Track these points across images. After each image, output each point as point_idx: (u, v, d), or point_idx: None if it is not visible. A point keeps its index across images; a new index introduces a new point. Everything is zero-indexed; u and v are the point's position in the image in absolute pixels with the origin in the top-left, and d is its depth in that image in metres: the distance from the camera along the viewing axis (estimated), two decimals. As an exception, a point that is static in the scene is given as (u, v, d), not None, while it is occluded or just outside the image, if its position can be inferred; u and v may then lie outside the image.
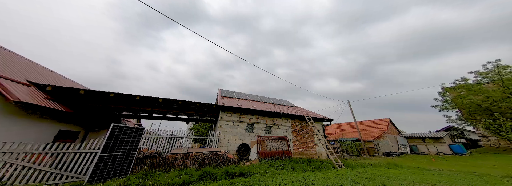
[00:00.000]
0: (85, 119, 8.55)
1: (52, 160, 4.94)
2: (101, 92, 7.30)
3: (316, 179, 4.82)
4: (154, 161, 5.87)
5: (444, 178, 5.51)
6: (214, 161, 6.70)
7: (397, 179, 5.11)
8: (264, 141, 9.71)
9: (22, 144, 4.64)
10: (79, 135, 8.53)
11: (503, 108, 14.03)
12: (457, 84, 17.52)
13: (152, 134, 8.19)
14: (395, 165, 8.16)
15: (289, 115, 11.33)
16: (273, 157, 9.01)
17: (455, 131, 26.91)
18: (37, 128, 6.36)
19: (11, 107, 5.45)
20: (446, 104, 18.51)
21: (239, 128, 9.56)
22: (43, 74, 9.11)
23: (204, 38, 6.63)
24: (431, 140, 19.16)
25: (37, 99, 5.99)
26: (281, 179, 4.81)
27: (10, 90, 5.27)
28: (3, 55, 7.81)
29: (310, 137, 11.52)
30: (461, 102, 16.17)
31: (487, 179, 5.56)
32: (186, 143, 8.76)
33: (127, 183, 4.43)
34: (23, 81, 6.61)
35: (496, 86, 15.00)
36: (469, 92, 15.92)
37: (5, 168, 4.28)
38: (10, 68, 7.07)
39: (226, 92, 13.80)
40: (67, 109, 6.92)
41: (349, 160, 11.08)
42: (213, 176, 5.09)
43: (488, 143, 18.49)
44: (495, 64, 15.23)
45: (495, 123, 13.75)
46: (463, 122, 18.25)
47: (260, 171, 5.87)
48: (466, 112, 17.16)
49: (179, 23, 5.72)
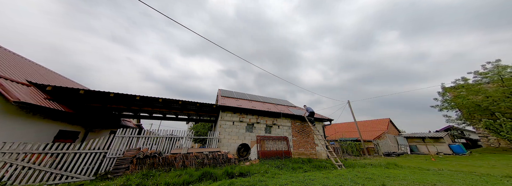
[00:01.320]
0: (85, 119, 8.55)
1: (52, 160, 4.94)
2: (101, 92, 7.30)
3: (316, 179, 4.82)
4: (154, 161, 5.86)
5: (444, 178, 5.51)
6: (214, 161, 6.70)
7: (397, 179, 5.11)
8: (264, 141, 9.70)
9: (22, 144, 4.64)
10: (79, 135, 8.53)
11: (503, 108, 14.04)
12: (457, 84, 17.53)
13: (152, 134, 8.19)
14: (395, 165, 8.15)
15: (289, 115, 11.33)
16: (273, 157, 9.01)
17: (455, 131, 26.92)
18: (37, 128, 6.36)
19: (11, 107, 5.45)
20: (446, 104, 18.52)
21: (239, 128, 9.56)
22: (43, 74, 9.12)
23: (204, 38, 6.63)
24: (431, 140, 19.16)
25: (37, 99, 5.99)
26: (281, 179, 4.81)
27: (10, 90, 5.27)
28: (3, 55, 7.82)
29: (310, 137, 11.52)
30: (461, 102, 16.17)
31: (487, 179, 5.56)
32: (186, 143, 8.76)
33: (127, 183, 4.42)
34: (23, 81, 6.62)
35: (496, 86, 15.00)
36: (469, 92, 15.92)
37: (5, 168, 4.29)
38: (10, 68, 7.07)
39: (226, 92, 13.80)
40: (67, 109, 6.92)
41: (349, 160, 11.08)
42: (213, 176, 5.09)
43: (488, 143, 18.48)
44: (495, 64, 15.24)
45: (495, 123, 13.76)
46: (463, 122, 18.25)
47: (260, 171, 5.87)
48: (466, 112, 17.16)
49: (179, 23, 5.73)
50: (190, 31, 5.49)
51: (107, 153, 6.16)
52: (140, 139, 7.34)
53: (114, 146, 6.41)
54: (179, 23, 5.68)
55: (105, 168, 6.04)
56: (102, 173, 5.85)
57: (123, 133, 6.92)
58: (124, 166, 5.54)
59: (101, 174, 5.78)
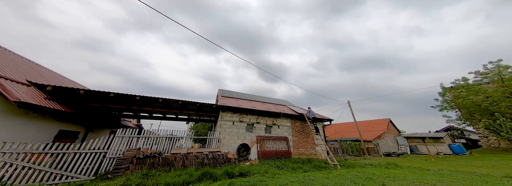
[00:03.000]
0: (85, 119, 8.56)
1: (52, 160, 4.95)
2: (101, 92, 7.31)
3: (316, 179, 4.82)
4: (154, 161, 5.86)
5: (444, 178, 5.50)
6: (214, 161, 6.70)
7: (397, 179, 5.11)
8: (264, 141, 9.70)
9: (22, 144, 4.64)
10: (79, 135, 8.54)
11: (503, 108, 14.03)
12: (457, 84, 17.53)
13: (152, 134, 8.19)
14: (395, 165, 8.14)
15: (289, 115, 11.33)
16: (273, 157, 9.01)
17: (455, 131, 26.92)
18: (37, 128, 6.36)
19: (11, 107, 5.45)
20: (446, 104, 18.51)
21: (239, 128, 9.56)
22: (43, 74, 9.12)
23: (208, 40, 6.63)
24: (431, 140, 19.15)
25: (37, 99, 5.99)
26: (281, 179, 4.81)
27: (10, 90, 5.27)
28: (3, 55, 7.82)
29: (310, 137, 11.52)
30: (461, 102, 16.17)
31: (487, 179, 5.56)
32: (186, 143, 8.76)
33: (127, 183, 4.42)
34: (23, 81, 6.62)
35: (496, 86, 14.99)
36: (469, 92, 15.91)
37: (5, 168, 4.29)
38: (10, 68, 7.08)
39: (226, 92, 13.80)
40: (67, 109, 6.92)
41: (349, 160, 11.07)
42: (213, 176, 5.08)
43: (488, 143, 18.47)
44: (496, 64, 15.23)
45: (495, 123, 13.75)
46: (463, 122, 18.24)
47: (260, 171, 5.87)
48: (466, 112, 17.15)
49: (178, 23, 5.73)
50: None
51: (107, 153, 6.17)
52: (140, 139, 7.34)
53: (114, 146, 6.42)
54: (174, 20, 5.68)
55: (105, 168, 6.05)
56: (102, 173, 5.86)
57: (123, 133, 6.93)
58: (124, 166, 5.54)
59: (101, 174, 5.78)
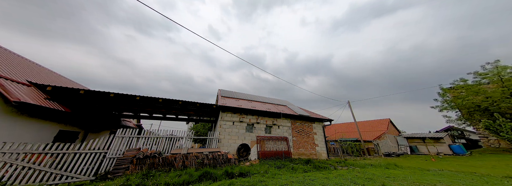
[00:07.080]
0: (85, 119, 8.55)
1: (52, 160, 4.94)
2: (101, 92, 7.31)
3: (316, 180, 4.81)
4: (154, 161, 5.86)
5: (444, 179, 5.50)
6: (214, 161, 6.70)
7: (397, 180, 5.10)
8: (264, 141, 9.70)
9: (22, 144, 4.64)
10: (79, 135, 8.53)
11: (503, 108, 14.04)
12: (455, 85, 17.58)
13: (152, 134, 8.19)
14: (395, 166, 8.14)
15: (289, 115, 11.33)
16: (273, 157, 9.00)
17: (455, 131, 26.91)
18: (37, 128, 6.36)
19: (11, 107, 5.46)
20: (446, 104, 18.54)
21: (239, 128, 9.56)
22: (43, 74, 9.13)
23: (209, 41, 6.64)
24: (431, 141, 19.14)
25: (37, 99, 5.99)
26: (281, 180, 4.81)
27: (10, 90, 5.28)
28: (3, 55, 7.83)
29: (310, 137, 11.52)
30: (461, 102, 16.19)
31: (487, 180, 5.55)
32: (186, 143, 8.75)
33: (127, 183, 4.42)
34: (23, 81, 6.62)
35: (496, 86, 15.01)
36: (469, 92, 15.94)
37: (5, 168, 4.29)
38: (10, 68, 7.08)
39: (226, 92, 13.80)
40: (67, 109, 6.92)
41: (349, 160, 11.06)
42: (213, 176, 5.08)
43: (488, 143, 18.47)
44: (495, 65, 15.26)
45: (494, 124, 13.75)
46: (463, 123, 18.26)
47: (260, 171, 5.87)
48: (465, 113, 17.17)
49: (179, 24, 5.74)
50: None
51: (107, 153, 6.16)
52: (140, 139, 7.34)
53: (114, 146, 6.41)
54: (181, 25, 5.69)
55: (105, 168, 6.03)
56: (102, 173, 5.85)
57: (123, 133, 6.92)
58: (124, 166, 5.54)
59: (101, 174, 5.77)
